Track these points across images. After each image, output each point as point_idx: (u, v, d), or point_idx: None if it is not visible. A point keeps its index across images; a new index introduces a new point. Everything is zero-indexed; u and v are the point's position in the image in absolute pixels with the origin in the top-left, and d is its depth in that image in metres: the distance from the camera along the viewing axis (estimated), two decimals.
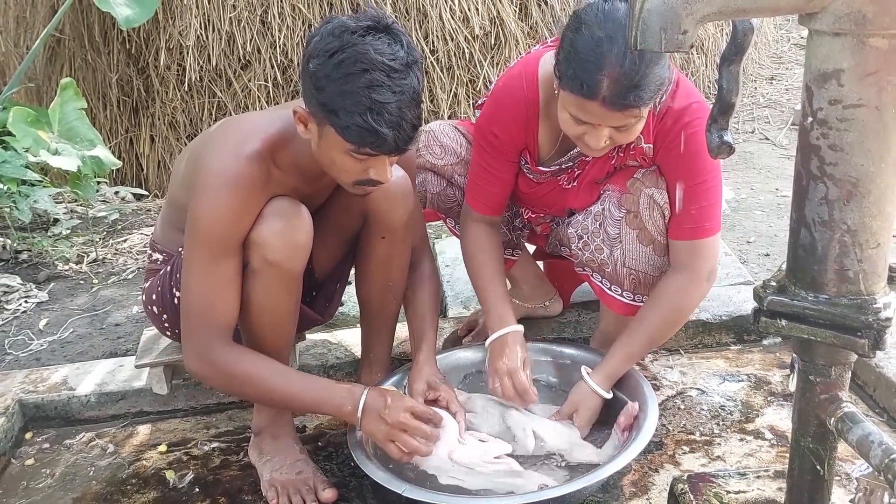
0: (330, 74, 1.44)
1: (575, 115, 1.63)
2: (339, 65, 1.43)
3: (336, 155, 1.53)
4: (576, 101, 1.59)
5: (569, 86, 1.59)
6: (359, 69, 1.43)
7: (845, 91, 1.03)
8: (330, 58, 1.44)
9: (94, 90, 4.43)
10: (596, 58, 1.53)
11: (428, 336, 1.90)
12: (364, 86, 1.43)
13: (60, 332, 2.74)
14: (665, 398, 2.05)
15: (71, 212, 3.88)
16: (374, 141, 1.46)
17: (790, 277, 1.17)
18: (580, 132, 1.66)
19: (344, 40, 1.44)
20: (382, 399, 1.63)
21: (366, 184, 1.59)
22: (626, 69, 1.52)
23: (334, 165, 1.56)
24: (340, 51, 1.43)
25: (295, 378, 1.68)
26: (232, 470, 1.92)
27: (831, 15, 1.00)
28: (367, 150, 1.49)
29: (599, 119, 1.60)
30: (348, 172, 1.56)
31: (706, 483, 1.45)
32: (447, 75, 4.23)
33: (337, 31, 1.45)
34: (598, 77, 1.54)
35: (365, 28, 1.45)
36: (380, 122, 1.44)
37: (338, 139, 1.49)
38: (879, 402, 1.95)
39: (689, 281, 1.82)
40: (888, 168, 1.06)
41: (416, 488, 1.59)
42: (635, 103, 1.56)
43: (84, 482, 1.92)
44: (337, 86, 1.44)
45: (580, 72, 1.55)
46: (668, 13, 0.99)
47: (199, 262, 1.58)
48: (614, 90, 1.54)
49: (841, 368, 1.19)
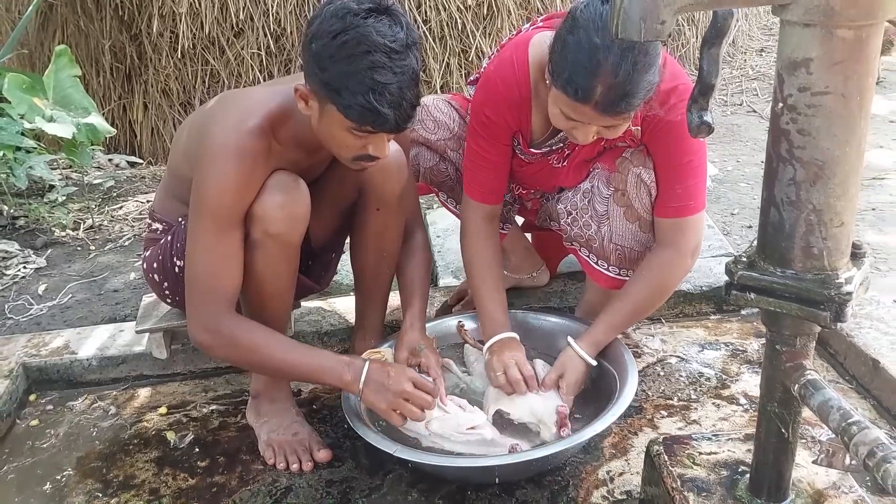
0: (333, 55, 1.49)
1: (566, 114, 1.66)
2: (342, 46, 1.48)
3: (337, 131, 1.58)
4: (568, 103, 1.62)
5: (562, 88, 1.61)
6: (361, 51, 1.48)
7: (814, 79, 1.09)
8: (333, 39, 1.49)
9: (86, 57, 4.44)
10: (591, 65, 1.55)
11: (414, 304, 1.96)
12: (366, 67, 1.48)
13: (59, 297, 2.80)
14: (646, 365, 2.14)
15: (66, 178, 3.93)
16: (375, 120, 1.52)
17: (760, 253, 1.24)
18: (569, 127, 1.69)
19: (347, 22, 1.48)
20: (384, 371, 1.70)
21: (364, 159, 1.64)
22: (620, 79, 1.54)
23: (334, 141, 1.61)
24: (343, 32, 1.48)
25: (298, 349, 1.74)
26: (230, 431, 2.00)
27: (802, 6, 1.06)
28: (369, 128, 1.55)
29: (589, 119, 1.64)
30: (348, 148, 1.62)
31: (680, 445, 1.54)
32: (439, 45, 4.26)
33: (340, 12, 1.50)
34: (592, 84, 1.56)
35: (367, 10, 1.50)
36: (381, 102, 1.49)
37: (339, 117, 1.54)
38: (849, 370, 2.04)
39: (674, 257, 1.88)
40: (852, 152, 1.12)
41: (406, 448, 1.68)
42: (626, 110, 1.60)
43: (87, 442, 2.00)
44: (340, 66, 1.49)
45: (574, 76, 1.57)
46: (648, 4, 1.04)
47: (204, 235, 1.64)
48: (607, 97, 1.57)
49: (805, 339, 1.26)
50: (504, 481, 1.73)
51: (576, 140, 1.74)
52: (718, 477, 1.45)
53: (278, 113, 1.67)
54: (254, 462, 1.88)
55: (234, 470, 1.86)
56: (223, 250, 1.64)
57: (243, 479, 1.83)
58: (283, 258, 1.72)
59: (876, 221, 3.06)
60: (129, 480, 1.85)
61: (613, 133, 1.71)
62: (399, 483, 1.78)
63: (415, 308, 1.95)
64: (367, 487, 1.78)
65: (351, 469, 1.84)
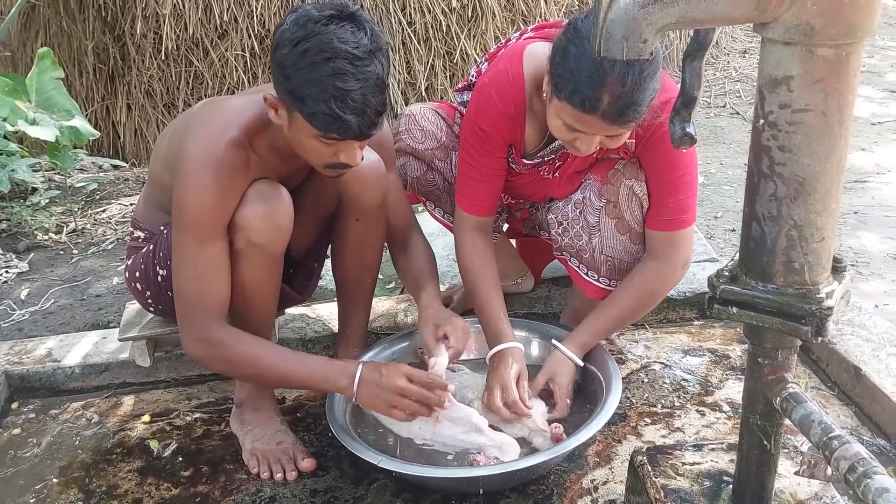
0: (296, 63, 1.49)
1: (570, 125, 1.65)
2: (304, 54, 1.48)
3: (306, 139, 1.58)
4: (573, 113, 1.61)
5: (567, 99, 1.59)
6: (322, 58, 1.47)
7: (794, 96, 1.10)
8: (294, 47, 1.49)
9: (69, 58, 4.41)
10: (598, 75, 1.54)
11: (427, 287, 1.91)
12: (328, 74, 1.47)
13: (42, 302, 2.79)
14: (630, 372, 2.15)
15: (49, 181, 3.90)
16: (339, 127, 1.52)
17: (742, 267, 1.25)
18: (572, 138, 1.69)
19: (308, 29, 1.48)
20: (377, 370, 1.69)
21: (337, 167, 1.64)
22: (627, 87, 1.54)
23: (305, 149, 1.61)
24: (305, 40, 1.48)
25: (290, 357, 1.74)
26: (214, 440, 1.99)
27: (782, 25, 1.06)
28: (334, 135, 1.54)
29: (596, 130, 1.63)
30: (319, 156, 1.62)
31: (664, 455, 1.54)
32: (424, 47, 4.25)
33: (301, 20, 1.50)
34: (599, 94, 1.55)
35: (328, 17, 1.50)
36: (344, 108, 1.49)
37: (306, 125, 1.54)
38: (831, 377, 2.06)
39: (665, 268, 1.90)
40: (832, 168, 1.13)
41: (390, 459, 1.67)
42: (634, 118, 1.60)
43: (70, 451, 1.99)
44: (302, 74, 1.49)
45: (581, 87, 1.56)
46: (630, 23, 1.05)
47: (188, 248, 1.64)
48: (615, 107, 1.56)
49: (787, 352, 1.27)
50: (488, 491, 1.73)
51: (577, 152, 1.73)
52: (701, 488, 1.46)
53: (255, 122, 1.67)
54: (237, 471, 1.87)
55: (218, 479, 1.85)
56: (207, 263, 1.64)
57: (227, 488, 1.82)
58: (267, 267, 1.72)
59: (858, 225, 3.09)
60: (112, 490, 1.84)
61: (615, 143, 1.71)
62: (383, 492, 1.78)
63: (428, 290, 1.91)
64: (352, 497, 1.78)
65: (335, 478, 1.83)
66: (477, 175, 1.94)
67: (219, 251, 1.65)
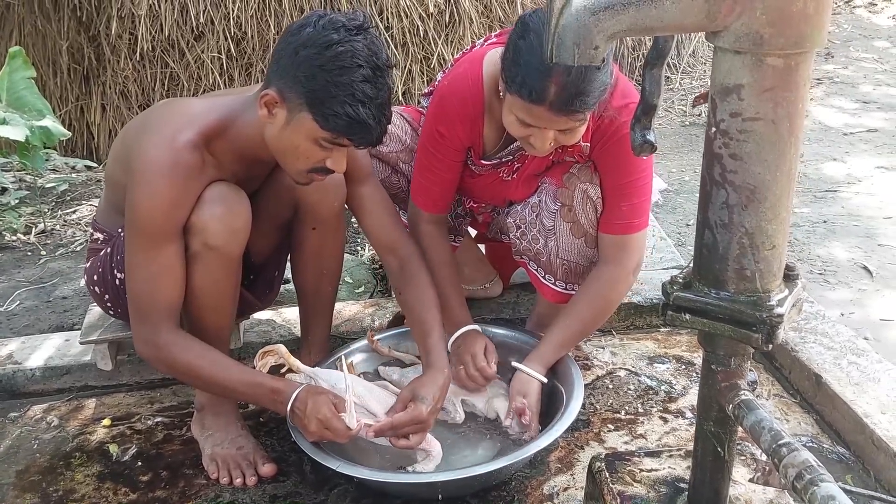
0: (325, 65, 1.51)
1: (521, 119, 1.67)
2: (336, 57, 1.51)
3: (302, 141, 1.59)
4: (523, 106, 1.64)
5: (517, 91, 1.63)
6: (354, 63, 1.51)
7: (745, 105, 1.10)
8: (326, 49, 1.51)
9: (44, 57, 4.37)
10: (544, 66, 1.57)
11: (431, 351, 1.81)
12: (359, 79, 1.51)
13: (7, 304, 2.75)
14: (595, 378, 2.15)
15: (19, 181, 3.86)
16: (360, 131, 1.55)
17: (695, 275, 1.25)
18: (526, 134, 1.71)
19: (341, 35, 1.52)
20: (305, 403, 1.65)
21: (319, 171, 1.65)
22: (573, 76, 1.56)
23: (295, 151, 1.61)
24: (338, 44, 1.51)
25: (232, 369, 1.71)
26: (174, 444, 1.98)
27: (732, 34, 1.07)
28: (344, 139, 1.57)
29: (546, 123, 1.65)
30: (307, 160, 1.62)
31: (622, 461, 1.54)
32: (402, 52, 4.25)
33: (334, 24, 1.53)
34: (545, 83, 1.58)
35: (357, 27, 1.54)
36: (368, 114, 1.53)
37: (311, 126, 1.55)
38: (794, 384, 2.07)
39: (617, 274, 1.90)
40: (783, 177, 1.14)
41: (347, 464, 1.67)
42: (581, 108, 1.62)
43: (28, 455, 1.97)
44: (331, 76, 1.51)
45: (528, 78, 1.60)
46: (581, 29, 1.05)
47: (140, 251, 1.63)
48: (561, 96, 1.59)
49: (740, 359, 1.28)
50: (448, 497, 1.72)
51: (533, 150, 1.75)
52: (658, 494, 1.46)
53: (215, 125, 1.66)
54: (197, 476, 1.85)
55: (177, 484, 1.84)
56: (158, 265, 1.63)
57: (185, 493, 1.81)
58: (224, 271, 1.71)
59: (827, 234, 3.11)
60: (69, 495, 1.82)
61: (570, 138, 1.72)
62: (344, 498, 1.77)
63: (432, 355, 1.80)
64: (312, 502, 1.76)
65: (296, 484, 1.82)
66: (431, 176, 1.97)
67: (171, 254, 1.64)
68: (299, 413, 1.66)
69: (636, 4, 1.05)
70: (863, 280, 2.75)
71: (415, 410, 1.69)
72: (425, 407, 1.69)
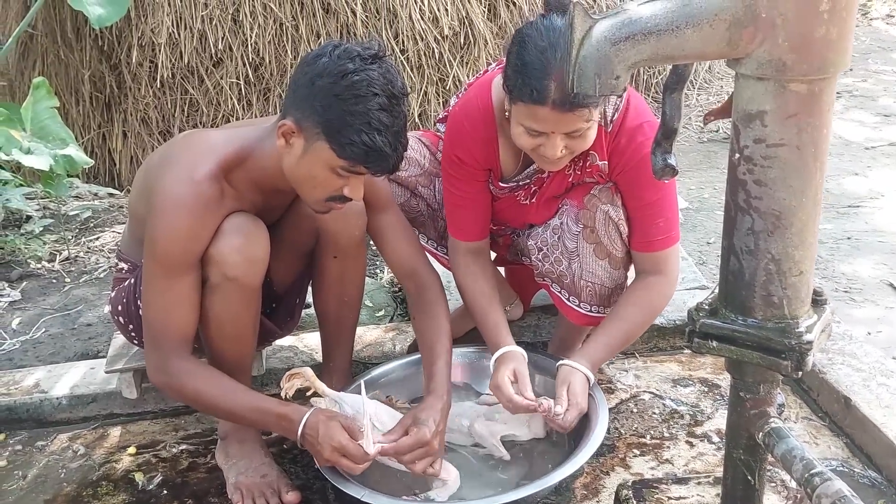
0: (340, 94, 1.53)
1: (528, 127, 1.69)
2: (351, 86, 1.53)
3: (319, 170, 1.60)
4: (527, 111, 1.66)
5: (519, 95, 1.66)
6: (370, 92, 1.53)
7: (768, 131, 1.10)
8: (342, 78, 1.53)
9: (66, 86, 4.43)
10: (542, 65, 1.61)
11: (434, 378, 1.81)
12: (375, 108, 1.53)
13: (33, 331, 2.77)
14: (619, 401, 2.13)
15: (44, 209, 3.90)
16: (377, 159, 1.56)
17: (721, 301, 1.24)
18: (535, 144, 1.72)
19: (357, 64, 1.54)
20: (316, 429, 1.63)
21: (336, 200, 1.66)
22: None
23: (312, 181, 1.62)
24: (354, 73, 1.53)
25: (240, 397, 1.69)
26: (199, 472, 1.98)
27: (755, 61, 1.07)
28: (361, 167, 1.58)
29: (552, 125, 1.66)
30: (324, 189, 1.63)
31: (649, 489, 1.53)
32: (417, 74, 4.27)
33: (349, 53, 1.55)
34: (545, 82, 1.61)
35: (372, 56, 1.56)
36: (385, 142, 1.54)
37: (329, 155, 1.57)
38: (822, 407, 2.04)
39: (663, 283, 1.92)
40: (808, 202, 1.13)
41: (374, 493, 1.66)
42: (583, 102, 1.63)
43: (55, 484, 1.97)
44: (348, 105, 1.53)
45: (529, 80, 1.63)
46: (602, 60, 1.06)
47: (156, 281, 1.65)
48: (562, 92, 1.60)
49: (769, 386, 1.26)
50: None
51: (546, 163, 1.76)
52: None
53: (234, 156, 1.67)
54: None
55: None
56: (173, 295, 1.65)
57: None
58: (243, 301, 1.72)
59: (851, 251, 3.08)
60: None
61: (580, 143, 1.73)
62: None
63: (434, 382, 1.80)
64: None
65: None
66: (461, 202, 1.98)
67: (187, 285, 1.65)
68: (311, 439, 1.65)
69: (657, 34, 1.05)
70: (889, 297, 2.72)
71: (418, 433, 1.68)
72: (427, 430, 1.68)
